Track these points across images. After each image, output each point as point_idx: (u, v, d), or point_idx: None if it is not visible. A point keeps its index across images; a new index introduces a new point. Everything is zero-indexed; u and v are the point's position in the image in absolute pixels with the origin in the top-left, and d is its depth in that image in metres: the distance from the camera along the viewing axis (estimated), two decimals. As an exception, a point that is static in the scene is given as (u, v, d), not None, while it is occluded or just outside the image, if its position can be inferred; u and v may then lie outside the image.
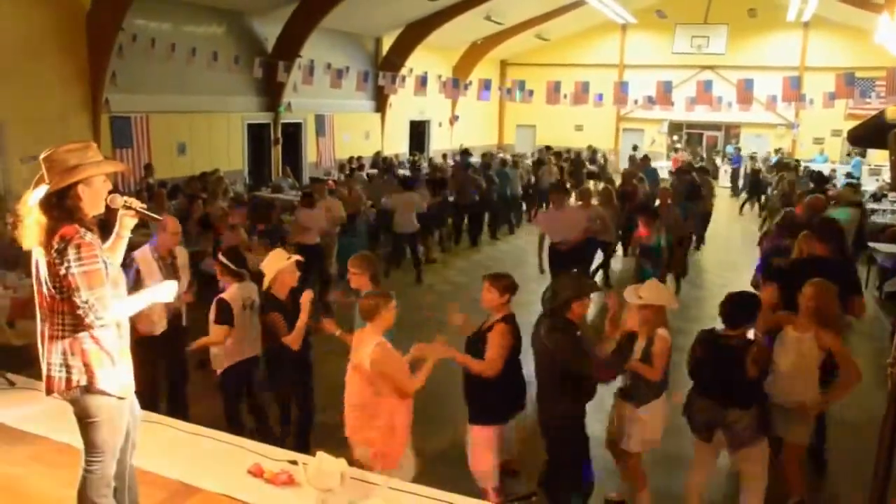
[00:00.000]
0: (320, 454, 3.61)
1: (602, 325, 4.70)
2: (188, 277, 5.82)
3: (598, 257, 10.60)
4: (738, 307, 4.40)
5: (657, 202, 10.86)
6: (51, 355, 2.96)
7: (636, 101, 19.61)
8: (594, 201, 10.10)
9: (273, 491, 3.54)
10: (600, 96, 16.14)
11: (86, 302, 2.84)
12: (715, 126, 26.07)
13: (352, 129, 19.32)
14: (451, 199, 13.43)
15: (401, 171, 16.20)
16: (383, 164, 17.31)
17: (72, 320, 2.92)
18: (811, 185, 13.22)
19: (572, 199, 11.10)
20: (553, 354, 4.23)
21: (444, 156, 20.13)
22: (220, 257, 5.25)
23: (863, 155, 23.59)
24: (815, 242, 5.68)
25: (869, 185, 18.11)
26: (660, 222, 9.07)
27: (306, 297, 4.85)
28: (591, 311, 4.91)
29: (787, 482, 4.68)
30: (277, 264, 4.97)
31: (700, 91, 13.66)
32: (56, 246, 2.84)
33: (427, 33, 19.42)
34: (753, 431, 4.28)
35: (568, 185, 13.54)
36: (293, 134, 17.48)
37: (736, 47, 24.90)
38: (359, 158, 18.01)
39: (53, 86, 11.26)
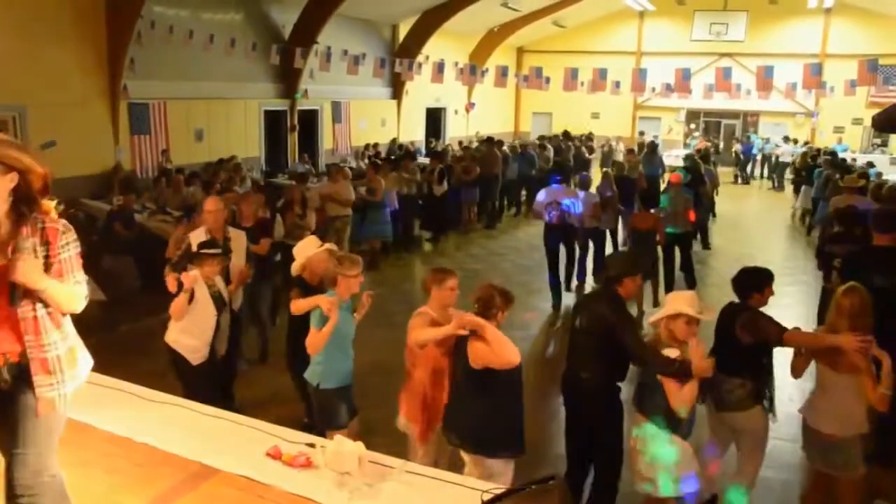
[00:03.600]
0: (338, 437, 3.64)
1: None
2: (242, 259, 5.80)
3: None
4: (746, 276, 4.52)
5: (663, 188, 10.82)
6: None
7: (654, 89, 19.45)
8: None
9: (291, 473, 3.56)
10: (618, 84, 16.04)
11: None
12: (733, 114, 25.84)
13: (368, 115, 19.32)
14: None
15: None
16: (400, 150, 17.31)
17: None
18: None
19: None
20: (604, 320, 4.23)
21: (460, 142, 20.07)
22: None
23: (885, 144, 23.34)
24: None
25: (891, 175, 17.88)
26: (658, 211, 9.20)
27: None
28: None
29: None
30: (308, 251, 4.96)
31: (719, 78, 13.50)
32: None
33: (443, 20, 19.35)
34: (739, 399, 4.27)
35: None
36: (310, 121, 17.51)
37: (756, 34, 24.60)
38: (375, 145, 18.05)
39: (73, 72, 11.34)
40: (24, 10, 10.47)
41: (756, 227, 16.09)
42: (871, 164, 18.17)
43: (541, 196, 9.44)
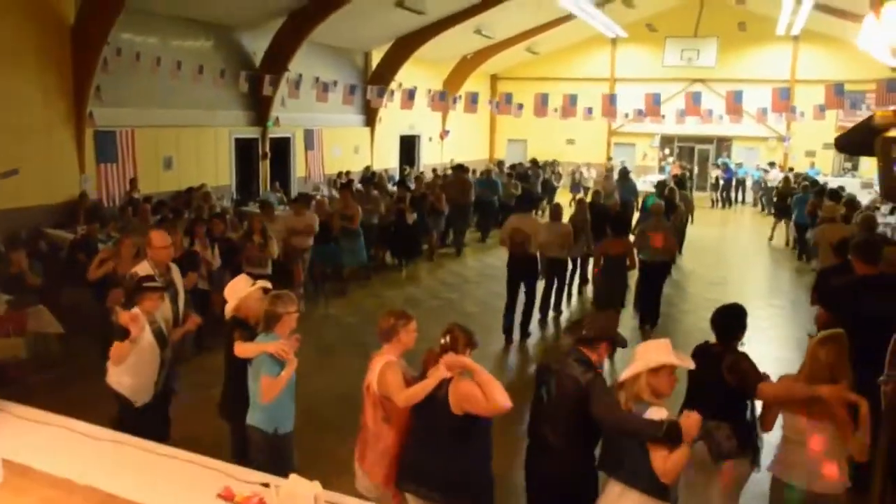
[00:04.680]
0: (293, 476, 3.45)
1: None
2: (182, 295, 5.65)
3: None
4: (731, 318, 4.35)
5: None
6: None
7: (627, 115, 19.61)
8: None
9: (244, 515, 3.37)
10: (590, 110, 16.11)
11: None
12: (707, 139, 26.07)
13: (341, 143, 19.21)
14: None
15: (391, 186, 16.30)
16: (372, 178, 17.23)
17: None
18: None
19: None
20: (576, 387, 3.78)
21: (434, 170, 20.04)
22: None
23: (855, 168, 23.65)
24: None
25: (863, 199, 18.03)
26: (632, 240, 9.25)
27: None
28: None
29: None
30: (241, 291, 4.78)
31: (689, 103, 13.60)
32: None
33: (416, 47, 19.39)
34: (735, 443, 3.96)
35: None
36: (282, 148, 17.36)
37: (726, 60, 24.99)
38: (347, 173, 17.94)
39: (36, 99, 11.10)
40: (-15, 36, 10.29)
41: (731, 250, 16.18)
42: (841, 188, 18.35)
43: (506, 224, 9.37)
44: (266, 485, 3.55)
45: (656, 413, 3.44)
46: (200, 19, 14.13)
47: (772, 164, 23.03)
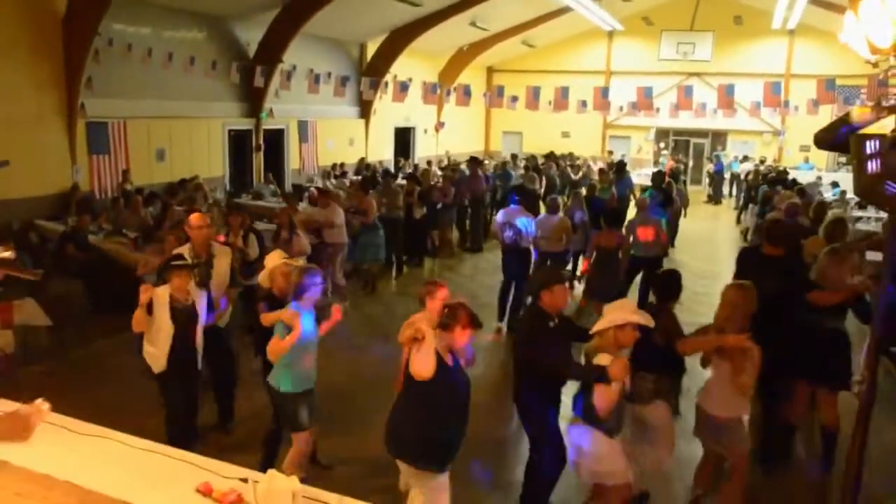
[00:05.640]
0: (271, 472, 3.46)
1: None
2: (224, 275, 5.88)
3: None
4: (665, 281, 5.20)
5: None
6: None
7: (621, 108, 19.55)
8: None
9: (222, 511, 3.38)
10: (584, 103, 16.07)
11: None
12: (702, 133, 26.07)
13: (336, 135, 19.18)
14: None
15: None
16: (367, 170, 17.20)
17: None
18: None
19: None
20: (522, 334, 4.65)
21: (429, 162, 19.99)
22: None
23: (850, 163, 23.63)
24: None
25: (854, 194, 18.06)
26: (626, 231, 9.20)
27: None
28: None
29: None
30: (271, 263, 5.24)
31: (681, 96, 13.58)
32: None
33: (412, 39, 19.35)
34: (650, 394, 4.72)
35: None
36: (276, 140, 17.33)
37: (722, 54, 24.94)
38: (342, 165, 17.92)
39: (27, 90, 11.08)
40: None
41: (722, 244, 16.21)
42: (835, 184, 18.39)
43: (499, 217, 9.33)
44: (245, 480, 3.56)
45: (603, 360, 4.15)
46: (193, 10, 14.08)
47: (744, 158, 23.06)
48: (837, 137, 2.90)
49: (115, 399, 6.29)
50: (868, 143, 2.51)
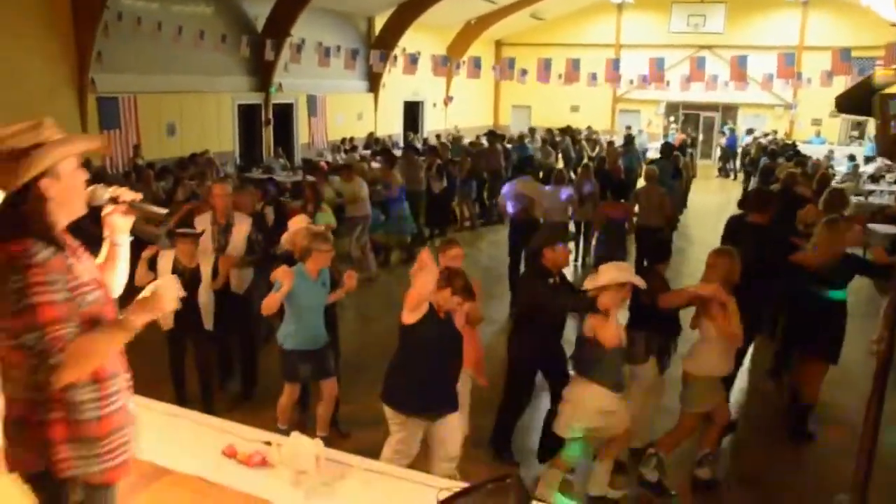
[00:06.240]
0: (295, 434, 3.52)
1: None
2: (238, 244, 5.96)
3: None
4: (655, 246, 5.80)
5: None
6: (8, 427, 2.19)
7: (631, 82, 19.42)
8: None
9: (246, 472, 3.45)
10: (594, 75, 15.99)
11: (31, 348, 2.03)
12: (712, 107, 25.85)
13: (345, 109, 19.13)
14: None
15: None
16: (376, 144, 17.18)
17: (28, 378, 2.10)
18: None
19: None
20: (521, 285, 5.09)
21: (438, 136, 19.95)
22: None
23: (861, 136, 23.44)
24: None
25: (868, 168, 17.96)
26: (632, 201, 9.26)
27: None
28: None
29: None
30: (294, 225, 5.43)
31: (693, 68, 13.48)
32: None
33: (420, 13, 19.18)
34: (643, 353, 4.99)
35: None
36: (285, 114, 17.31)
37: (734, 26, 24.62)
38: (351, 139, 17.89)
39: (38, 65, 11.09)
40: (-15, 1, 10.23)
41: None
42: (852, 157, 18.27)
43: (506, 188, 9.33)
44: (268, 443, 3.63)
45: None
46: (202, -17, 14.04)
47: (749, 132, 22.89)
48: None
49: (130, 365, 6.36)
50: (892, 102, 2.51)
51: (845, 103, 3.28)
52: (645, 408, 5.11)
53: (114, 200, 2.40)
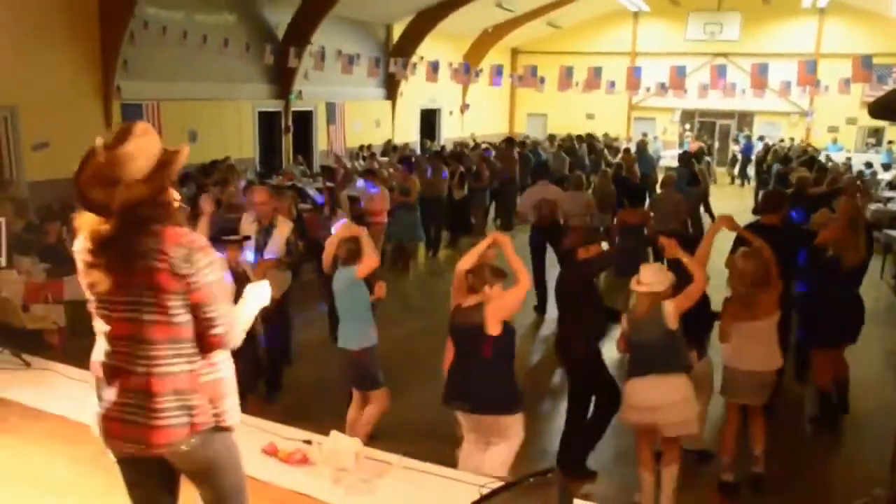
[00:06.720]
0: (334, 433, 3.61)
1: None
2: (277, 247, 6.09)
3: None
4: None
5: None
6: (156, 398, 2.32)
7: (648, 89, 19.43)
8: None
9: (287, 470, 3.54)
10: (612, 83, 16.04)
11: (216, 319, 2.39)
12: (728, 114, 25.82)
13: (363, 117, 19.27)
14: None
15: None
16: (394, 151, 17.28)
17: (191, 348, 2.39)
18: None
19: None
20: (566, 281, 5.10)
21: (465, 144, 20.01)
22: None
23: (878, 143, 23.36)
24: None
25: (886, 175, 17.91)
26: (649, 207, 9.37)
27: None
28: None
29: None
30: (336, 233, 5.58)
31: (714, 76, 13.51)
32: (174, 254, 2.31)
33: (438, 21, 19.30)
34: (689, 357, 4.86)
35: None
36: (304, 121, 17.46)
37: (750, 34, 24.58)
38: (369, 146, 18.01)
39: (65, 73, 11.26)
40: (15, 8, 10.38)
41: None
42: (869, 164, 18.24)
43: (526, 196, 9.42)
44: (308, 442, 3.71)
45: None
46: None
47: (760, 139, 22.88)
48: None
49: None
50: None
51: (878, 109, 3.32)
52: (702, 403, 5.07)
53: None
